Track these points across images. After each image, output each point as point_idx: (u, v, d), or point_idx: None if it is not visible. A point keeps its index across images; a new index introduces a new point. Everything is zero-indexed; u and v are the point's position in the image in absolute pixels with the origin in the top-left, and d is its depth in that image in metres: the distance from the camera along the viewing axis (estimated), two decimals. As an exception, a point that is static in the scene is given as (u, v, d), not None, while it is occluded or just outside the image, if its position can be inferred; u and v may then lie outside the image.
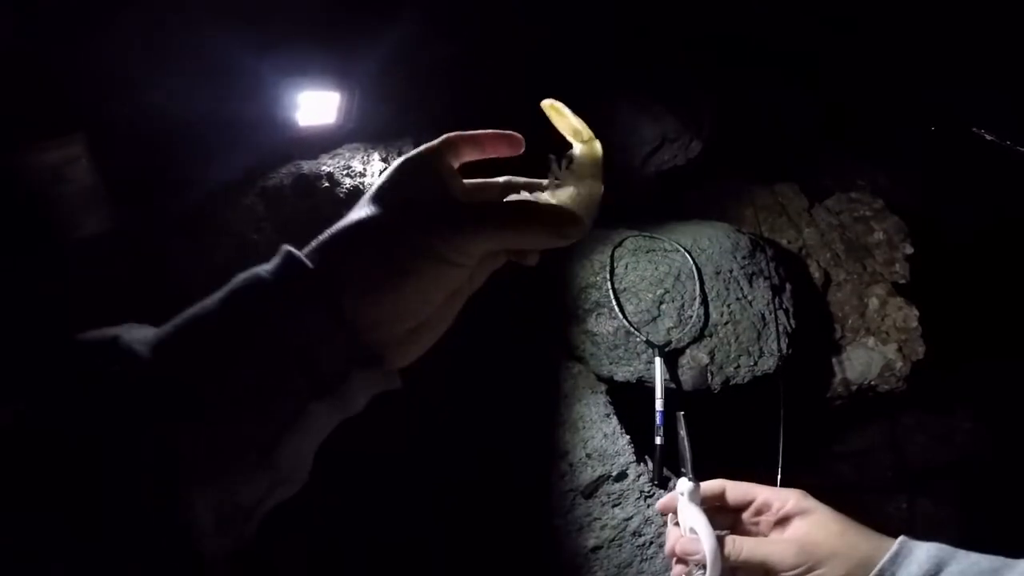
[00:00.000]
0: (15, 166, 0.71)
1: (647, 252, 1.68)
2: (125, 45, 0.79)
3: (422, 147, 0.35)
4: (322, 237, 0.32)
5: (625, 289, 1.62)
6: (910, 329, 1.94)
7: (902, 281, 2.01)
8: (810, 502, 0.58)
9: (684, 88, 2.00)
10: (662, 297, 1.61)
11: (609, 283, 1.60)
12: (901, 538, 0.55)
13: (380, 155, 1.20)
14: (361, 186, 1.14)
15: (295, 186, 1.03)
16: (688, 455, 0.66)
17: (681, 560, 0.59)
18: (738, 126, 2.12)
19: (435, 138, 0.36)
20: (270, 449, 0.28)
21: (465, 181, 0.36)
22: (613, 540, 1.41)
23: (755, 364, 1.64)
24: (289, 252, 0.31)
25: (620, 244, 1.68)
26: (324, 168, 1.09)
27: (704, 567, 0.56)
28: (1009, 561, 0.52)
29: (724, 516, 0.61)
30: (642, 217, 1.85)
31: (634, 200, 1.97)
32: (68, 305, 0.77)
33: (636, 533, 1.41)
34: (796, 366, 1.68)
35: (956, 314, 2.03)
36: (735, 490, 0.61)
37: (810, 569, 0.53)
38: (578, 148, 0.41)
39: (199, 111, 0.82)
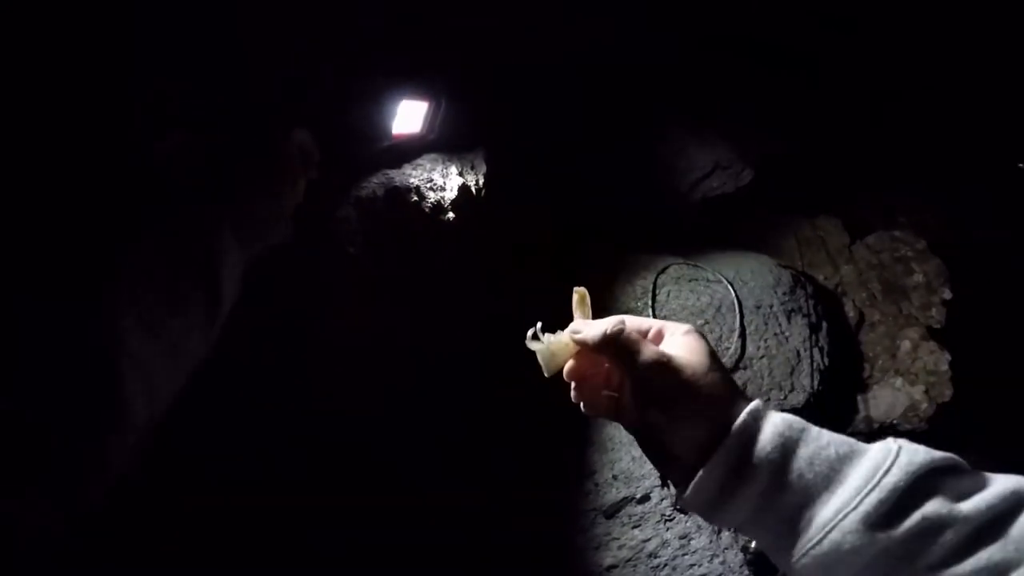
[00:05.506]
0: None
1: (689, 281, 1.70)
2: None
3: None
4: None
5: (666, 317, 1.64)
6: (940, 372, 1.94)
7: (937, 326, 2.01)
8: (693, 337, 0.56)
9: (739, 114, 2.00)
10: (701, 328, 1.63)
11: (650, 310, 1.62)
12: (752, 407, 0.52)
13: (456, 168, 1.22)
14: (442, 200, 1.14)
15: (387, 198, 1.04)
16: None
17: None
18: (787, 155, 2.11)
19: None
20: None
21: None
22: (629, 560, 1.43)
23: (785, 398, 1.66)
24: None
25: (663, 271, 1.70)
26: (412, 180, 1.09)
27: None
28: (859, 445, 0.51)
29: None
30: (685, 243, 1.87)
31: (678, 225, 1.98)
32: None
33: (652, 555, 1.44)
34: (822, 402, 1.70)
35: (988, 357, 2.01)
36: (632, 322, 0.60)
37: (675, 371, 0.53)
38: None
39: (311, 115, 0.82)
